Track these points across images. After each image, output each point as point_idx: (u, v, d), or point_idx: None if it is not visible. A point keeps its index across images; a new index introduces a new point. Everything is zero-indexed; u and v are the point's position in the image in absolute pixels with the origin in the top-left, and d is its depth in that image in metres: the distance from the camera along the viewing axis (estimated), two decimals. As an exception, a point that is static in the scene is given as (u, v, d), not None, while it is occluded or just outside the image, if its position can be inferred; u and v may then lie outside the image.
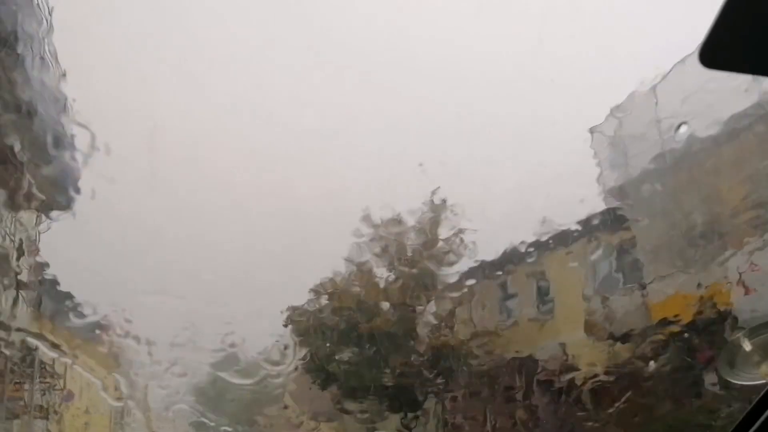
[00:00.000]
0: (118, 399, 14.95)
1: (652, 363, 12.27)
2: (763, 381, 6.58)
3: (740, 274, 11.61)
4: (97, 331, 14.18)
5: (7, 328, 10.87)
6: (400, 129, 16.09)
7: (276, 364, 15.39)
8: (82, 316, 13.19)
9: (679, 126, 12.24)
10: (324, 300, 16.49)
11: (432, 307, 15.88)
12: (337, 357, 15.98)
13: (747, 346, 7.37)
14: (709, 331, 12.03)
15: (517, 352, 14.85)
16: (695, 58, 1.15)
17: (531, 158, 14.64)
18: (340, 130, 16.43)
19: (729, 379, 8.28)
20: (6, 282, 11.10)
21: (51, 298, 13.31)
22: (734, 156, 12.21)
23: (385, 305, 15.72)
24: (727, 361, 8.09)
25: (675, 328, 12.52)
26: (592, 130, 14.10)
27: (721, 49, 1.10)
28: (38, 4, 9.97)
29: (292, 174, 16.86)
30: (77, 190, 12.26)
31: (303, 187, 17.02)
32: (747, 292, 11.67)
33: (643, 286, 13.30)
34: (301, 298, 16.53)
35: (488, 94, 15.21)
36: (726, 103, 11.86)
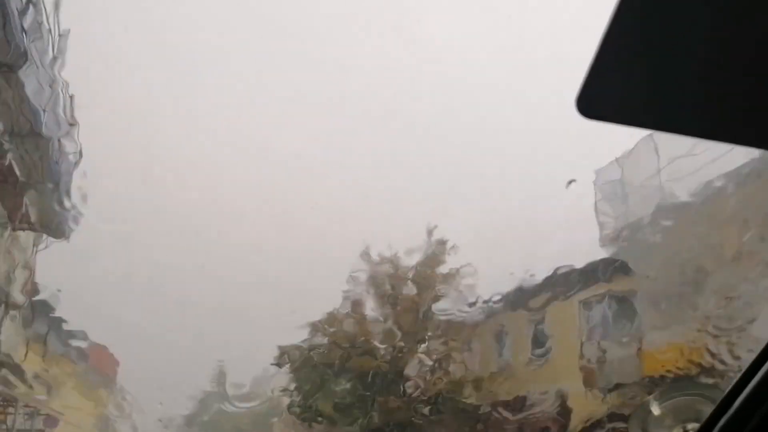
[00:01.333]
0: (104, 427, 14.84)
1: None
2: None
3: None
4: (85, 356, 14.14)
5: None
6: (400, 164, 16.09)
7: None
8: (72, 339, 13.18)
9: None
10: (319, 337, 16.40)
11: (426, 347, 15.76)
12: (327, 395, 15.81)
13: (656, 410, 7.12)
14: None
15: (512, 394, 14.68)
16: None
17: (531, 202, 14.59)
18: (336, 162, 16.50)
19: None
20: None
21: (42, 322, 13.29)
22: (735, 207, 12.14)
23: (378, 344, 15.61)
24: (639, 425, 7.81)
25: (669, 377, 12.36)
26: (595, 180, 14.08)
27: (598, 99, 1.03)
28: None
29: (290, 206, 16.87)
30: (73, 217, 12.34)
31: (299, 222, 16.98)
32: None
33: (639, 337, 13.14)
34: (295, 334, 16.43)
35: (492, 137, 15.22)
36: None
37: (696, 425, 5.97)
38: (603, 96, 1.03)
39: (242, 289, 16.89)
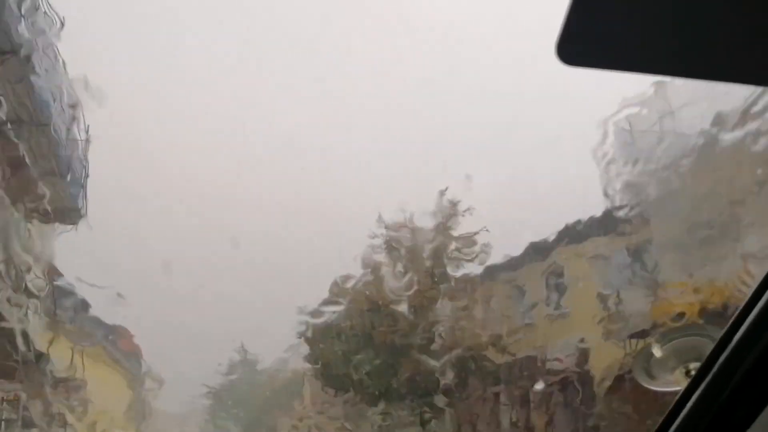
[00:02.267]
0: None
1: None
2: (678, 388, 6.30)
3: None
4: (111, 338, 14.34)
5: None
6: (413, 130, 16.04)
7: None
8: (95, 324, 13.34)
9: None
10: (340, 304, 16.51)
11: (447, 309, 15.83)
12: (352, 362, 15.96)
13: (658, 352, 7.16)
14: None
15: (534, 350, 14.80)
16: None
17: (543, 158, 14.53)
18: (356, 129, 16.45)
19: (646, 386, 8.01)
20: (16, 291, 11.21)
21: (64, 308, 13.48)
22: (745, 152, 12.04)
23: (401, 308, 15.69)
24: (642, 367, 7.85)
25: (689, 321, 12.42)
26: (605, 125, 13.95)
27: (578, 44, 0.98)
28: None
29: (305, 176, 16.87)
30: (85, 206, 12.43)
31: (316, 190, 16.98)
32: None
33: (657, 283, 13.18)
34: (314, 301, 16.57)
35: (499, 99, 15.09)
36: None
37: (698, 364, 6.07)
38: (584, 41, 0.99)
39: (263, 262, 17.01)
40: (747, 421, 1.48)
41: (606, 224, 13.63)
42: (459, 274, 15.70)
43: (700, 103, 11.88)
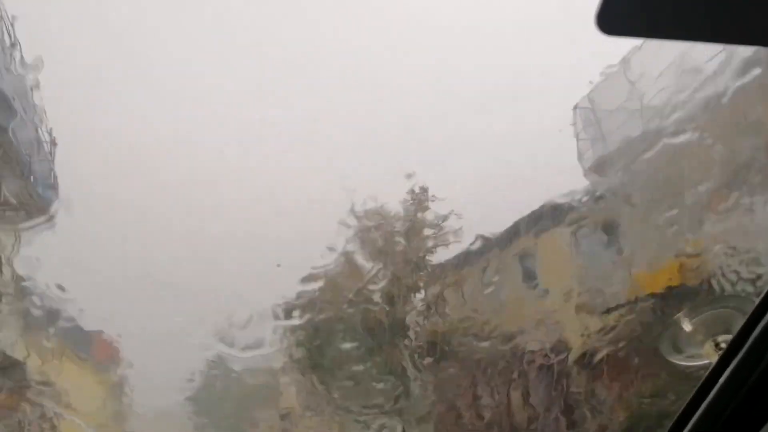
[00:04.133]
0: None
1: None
2: (707, 361, 6.36)
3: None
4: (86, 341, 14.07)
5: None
6: (377, 119, 16.02)
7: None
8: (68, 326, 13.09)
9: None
10: (315, 292, 16.45)
11: (421, 294, 15.93)
12: (329, 350, 15.96)
13: (687, 326, 7.21)
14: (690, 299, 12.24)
15: (509, 330, 14.96)
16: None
17: (514, 141, 14.64)
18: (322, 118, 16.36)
19: (673, 360, 8.14)
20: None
21: (36, 312, 13.20)
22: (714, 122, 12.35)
23: (376, 296, 15.74)
24: (670, 341, 7.96)
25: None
26: (574, 106, 14.15)
27: (620, 13, 1.05)
28: None
29: (276, 167, 16.74)
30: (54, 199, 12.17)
31: (286, 181, 16.87)
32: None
33: (628, 259, 13.45)
34: (289, 293, 16.47)
35: (465, 80, 15.16)
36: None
37: (728, 336, 6.06)
38: (623, 11, 1.05)
39: (237, 253, 16.82)
40: None
41: (577, 204, 13.83)
42: (432, 259, 15.82)
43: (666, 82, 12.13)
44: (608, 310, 13.49)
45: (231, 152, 16.67)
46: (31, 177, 12.36)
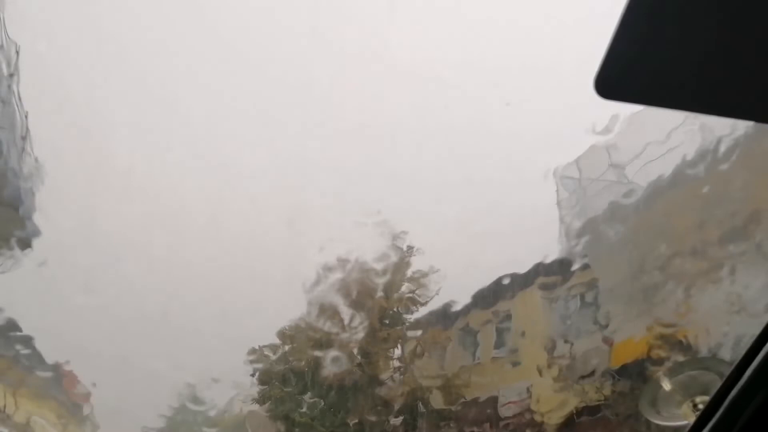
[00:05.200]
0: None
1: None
2: (685, 422, 6.53)
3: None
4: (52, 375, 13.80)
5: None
6: (358, 173, 16.10)
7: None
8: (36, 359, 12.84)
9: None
10: (287, 346, 16.32)
11: (397, 352, 15.82)
12: (299, 405, 15.74)
13: (667, 385, 7.37)
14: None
15: (484, 393, 14.86)
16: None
17: (490, 200, 14.75)
18: (297, 172, 16.39)
19: (651, 419, 8.29)
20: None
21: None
22: (686, 199, 12.58)
23: (350, 350, 15.62)
24: (648, 400, 8.11)
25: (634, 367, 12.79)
26: (555, 174, 14.35)
27: (619, 79, 1.07)
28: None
29: (249, 216, 16.69)
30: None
31: (260, 234, 16.82)
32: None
33: (603, 327, 13.46)
34: (263, 341, 16.32)
35: (448, 141, 15.34)
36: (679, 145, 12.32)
37: (705, 398, 6.31)
38: (620, 78, 1.07)
39: (200, 304, 16.62)
40: None
41: (557, 269, 13.90)
42: (410, 317, 15.76)
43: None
44: (583, 377, 13.46)
45: (208, 194, 16.63)
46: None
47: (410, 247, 15.77)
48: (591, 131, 12.58)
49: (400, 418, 15.20)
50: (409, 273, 15.88)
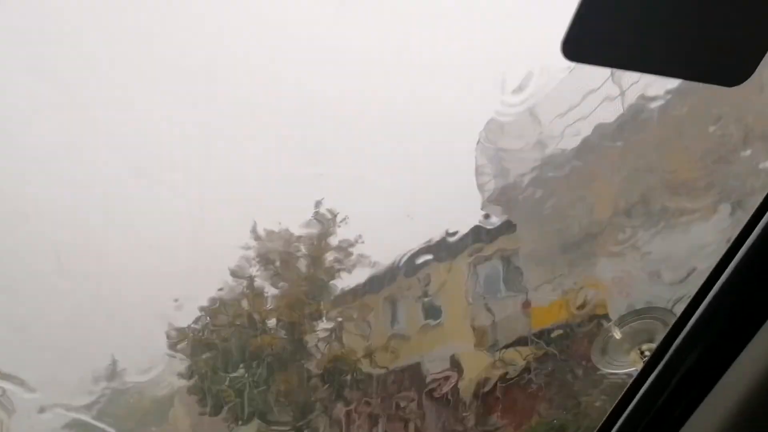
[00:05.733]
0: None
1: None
2: (633, 368, 6.99)
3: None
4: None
5: None
6: (283, 141, 15.81)
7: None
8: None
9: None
10: (213, 317, 16.08)
11: (322, 322, 15.73)
12: (225, 378, 15.55)
13: (617, 334, 7.84)
14: (586, 333, 12.51)
15: (408, 361, 14.95)
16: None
17: (419, 170, 14.66)
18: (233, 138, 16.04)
19: (601, 367, 8.72)
20: None
21: None
22: (606, 162, 12.69)
23: (272, 322, 15.49)
24: (599, 349, 8.52)
25: (556, 332, 13.00)
26: (475, 141, 14.29)
27: (584, 42, 1.15)
28: None
29: (176, 183, 16.26)
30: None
31: (189, 200, 16.42)
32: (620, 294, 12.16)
33: (524, 293, 13.59)
34: (188, 316, 16.02)
35: (370, 110, 15.14)
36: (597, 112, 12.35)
37: (651, 345, 6.64)
38: (586, 41, 1.15)
39: (129, 279, 16.20)
40: (699, 395, 1.67)
41: (478, 235, 13.93)
42: (335, 286, 15.67)
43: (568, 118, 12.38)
44: (506, 346, 13.61)
45: (143, 168, 16.10)
46: None
47: (335, 216, 15.62)
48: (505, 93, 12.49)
49: (327, 387, 15.19)
50: (334, 242, 15.75)
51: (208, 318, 15.84)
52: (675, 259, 11.39)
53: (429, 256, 14.29)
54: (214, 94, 15.56)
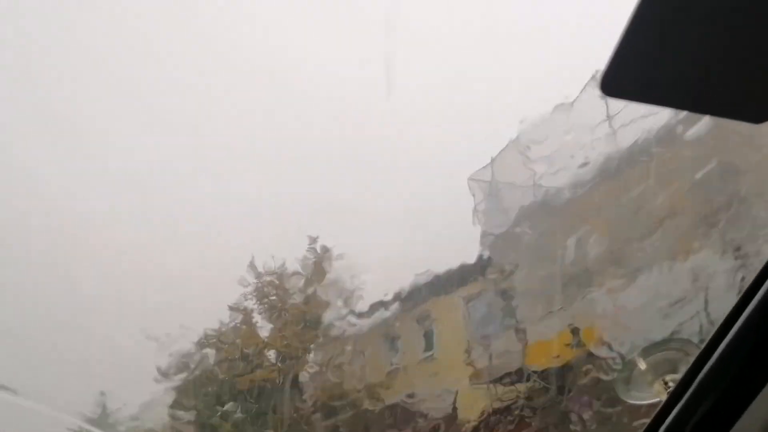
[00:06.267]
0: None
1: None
2: (657, 399, 6.97)
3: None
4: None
5: None
6: (278, 172, 15.96)
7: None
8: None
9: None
10: (207, 352, 16.04)
11: (317, 355, 15.71)
12: (220, 412, 15.45)
13: (642, 365, 7.83)
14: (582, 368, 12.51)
15: (404, 395, 14.88)
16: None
17: (408, 204, 14.82)
18: (212, 172, 16.15)
19: (625, 399, 8.70)
20: None
21: None
22: (598, 200, 12.84)
23: (271, 356, 15.46)
24: (623, 380, 8.53)
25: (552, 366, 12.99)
26: (470, 178, 14.44)
27: (623, 78, 1.19)
28: None
29: (164, 219, 16.33)
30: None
31: (185, 235, 16.49)
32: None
33: (520, 329, 13.62)
34: (180, 351, 15.98)
35: (371, 142, 15.34)
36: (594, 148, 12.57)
37: (675, 376, 6.68)
38: (624, 78, 1.20)
39: (123, 309, 16.16)
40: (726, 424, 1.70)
41: (475, 272, 14.01)
42: (331, 319, 15.67)
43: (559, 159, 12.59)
44: (500, 379, 13.59)
45: (117, 200, 16.15)
46: None
47: (329, 251, 15.70)
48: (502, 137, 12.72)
49: (322, 422, 15.11)
50: (328, 277, 15.81)
51: (202, 351, 15.82)
52: (672, 293, 11.50)
53: (425, 291, 14.39)
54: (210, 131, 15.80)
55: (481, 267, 14.04)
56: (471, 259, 13.96)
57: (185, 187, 16.15)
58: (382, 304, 15.16)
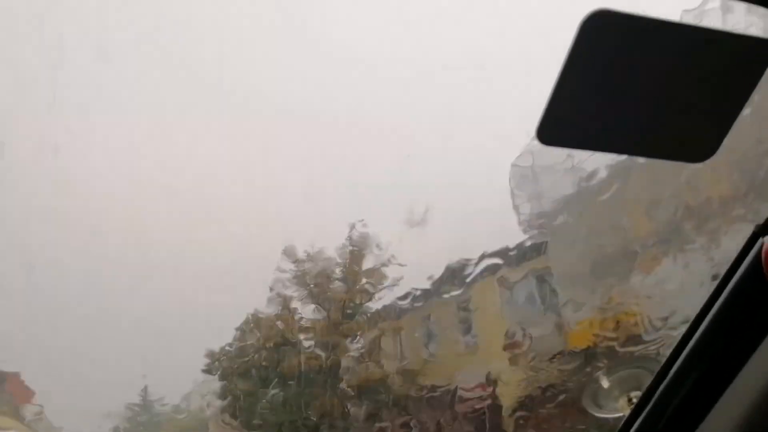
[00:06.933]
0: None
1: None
2: (620, 414, 7.13)
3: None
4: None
5: None
6: (318, 160, 16.14)
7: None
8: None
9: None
10: (248, 339, 16.27)
11: (357, 342, 15.88)
12: (261, 398, 15.70)
13: (605, 382, 8.04)
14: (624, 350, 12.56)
15: (443, 380, 15.00)
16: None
17: (453, 191, 14.92)
18: (252, 161, 16.37)
19: (592, 413, 8.85)
20: None
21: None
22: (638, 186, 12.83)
23: (308, 342, 15.65)
24: (590, 396, 8.74)
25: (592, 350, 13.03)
26: (512, 164, 14.49)
27: (558, 128, 1.22)
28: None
29: (206, 210, 16.56)
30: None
31: (222, 223, 16.71)
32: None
33: (559, 313, 13.69)
34: (223, 339, 16.26)
35: (408, 131, 15.46)
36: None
37: (639, 393, 6.66)
38: (558, 127, 1.22)
39: (165, 297, 16.45)
40: None
41: (514, 256, 14.10)
42: (370, 306, 15.85)
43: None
44: (539, 361, 13.66)
45: (165, 193, 16.43)
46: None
47: (367, 238, 15.85)
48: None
49: (363, 407, 15.29)
50: (368, 264, 15.97)
51: (243, 341, 16.07)
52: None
53: (464, 277, 14.50)
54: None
55: (519, 252, 14.11)
56: (511, 243, 14.03)
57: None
58: (420, 291, 15.29)
